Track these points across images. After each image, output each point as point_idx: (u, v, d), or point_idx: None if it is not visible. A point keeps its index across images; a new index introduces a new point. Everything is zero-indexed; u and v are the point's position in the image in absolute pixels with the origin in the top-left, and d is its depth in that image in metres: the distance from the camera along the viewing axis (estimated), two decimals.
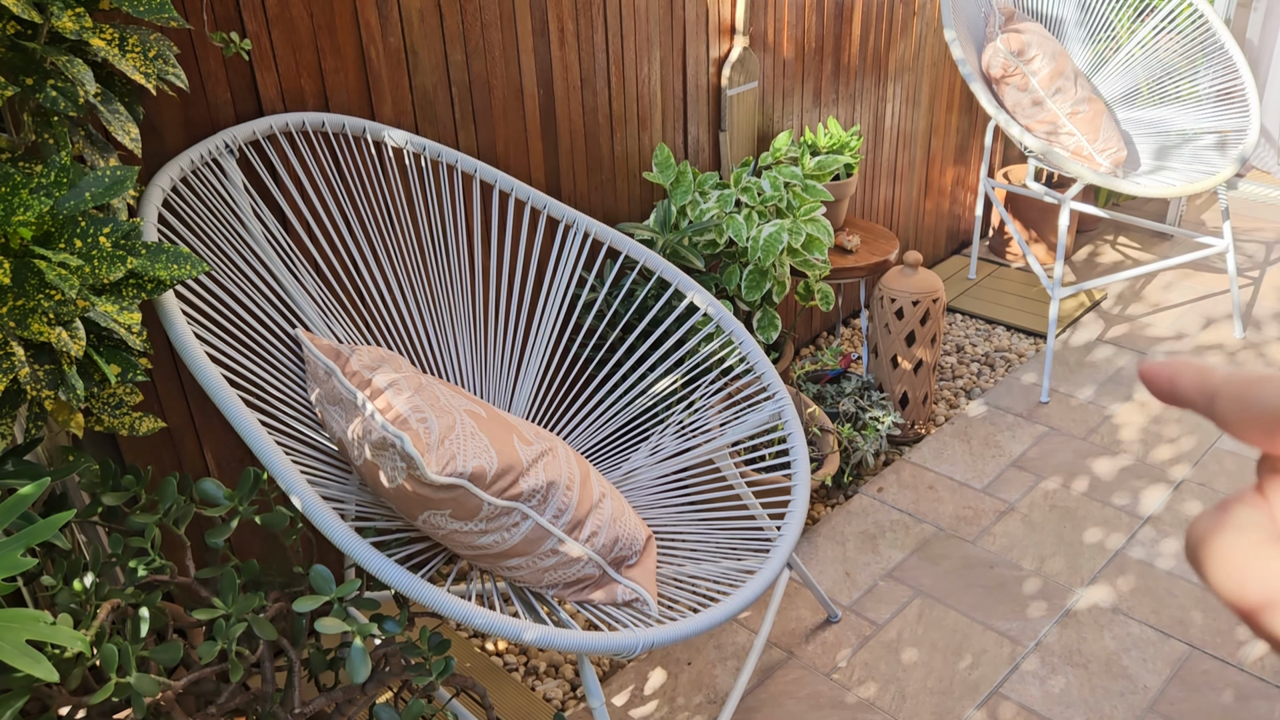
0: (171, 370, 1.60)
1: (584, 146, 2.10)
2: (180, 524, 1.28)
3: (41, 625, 0.95)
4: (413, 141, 1.70)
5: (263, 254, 1.55)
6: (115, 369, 1.17)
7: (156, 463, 1.64)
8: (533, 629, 1.15)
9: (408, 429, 1.23)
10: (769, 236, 2.07)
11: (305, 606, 1.11)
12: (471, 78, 1.84)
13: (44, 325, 1.06)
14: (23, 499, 1.01)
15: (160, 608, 1.22)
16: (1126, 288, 3.26)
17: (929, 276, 2.41)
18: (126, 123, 1.19)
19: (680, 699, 1.83)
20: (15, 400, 1.13)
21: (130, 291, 1.18)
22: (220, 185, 1.53)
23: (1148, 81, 2.96)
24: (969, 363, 2.88)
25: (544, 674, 1.90)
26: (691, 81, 2.28)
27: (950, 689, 1.83)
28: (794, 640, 1.95)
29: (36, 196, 1.05)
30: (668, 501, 1.70)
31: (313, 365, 1.43)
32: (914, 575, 2.10)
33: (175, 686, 1.11)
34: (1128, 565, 2.11)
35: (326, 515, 1.13)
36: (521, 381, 1.78)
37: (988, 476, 2.40)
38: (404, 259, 1.81)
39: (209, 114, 1.53)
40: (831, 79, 2.68)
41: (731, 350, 1.75)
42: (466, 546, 1.31)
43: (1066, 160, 2.50)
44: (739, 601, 1.32)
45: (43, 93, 1.11)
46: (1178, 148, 2.83)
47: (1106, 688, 1.82)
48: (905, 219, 3.22)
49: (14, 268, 1.05)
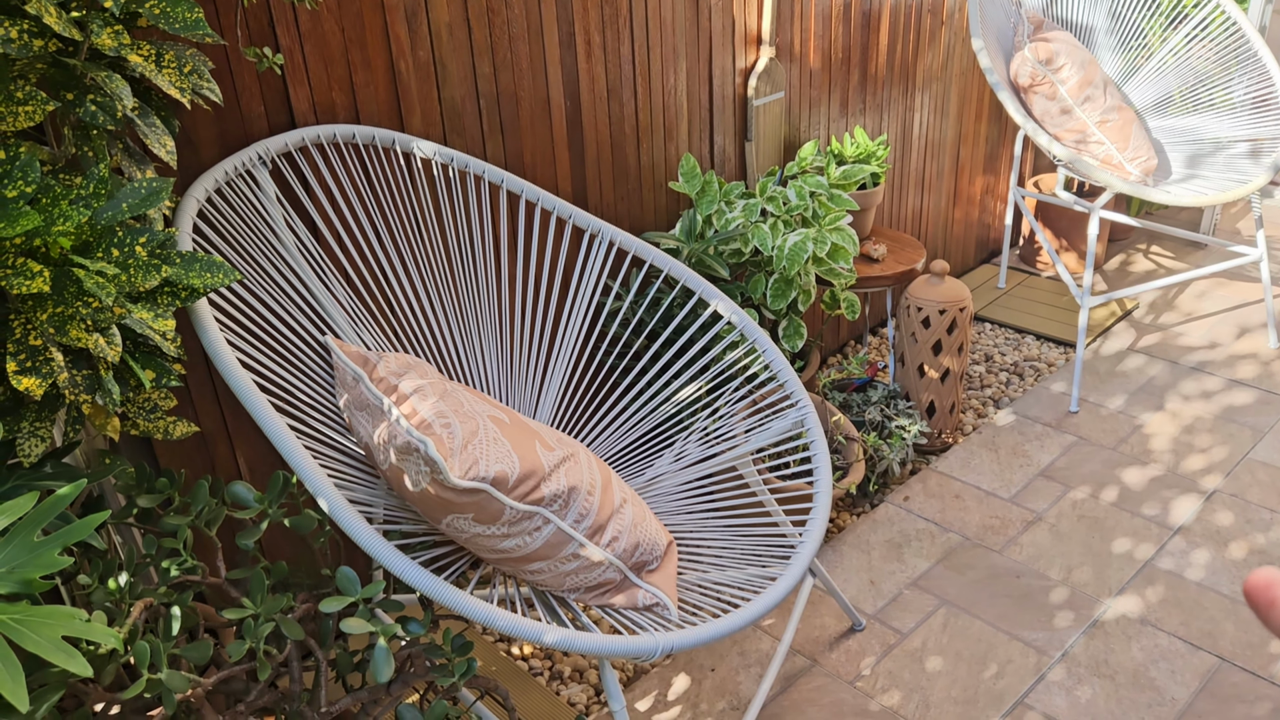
0: (205, 377, 1.64)
1: (610, 157, 2.13)
2: (212, 526, 1.31)
3: (77, 622, 0.98)
4: (441, 153, 1.73)
5: (294, 263, 1.58)
6: (150, 374, 1.20)
7: (190, 467, 1.67)
8: (553, 631, 1.16)
9: (431, 434, 1.26)
10: (794, 245, 2.08)
11: (331, 607, 1.14)
12: (499, 90, 1.87)
13: (82, 331, 1.10)
14: (60, 499, 1.04)
15: (192, 607, 1.25)
16: (1159, 297, 3.23)
17: (956, 285, 2.41)
18: (162, 136, 1.23)
19: (704, 705, 1.84)
20: (54, 404, 1.17)
21: (165, 299, 1.21)
22: (254, 196, 1.57)
23: (1180, 89, 2.94)
24: (998, 372, 2.87)
25: (569, 679, 1.91)
26: (718, 92, 2.30)
27: (975, 698, 1.82)
28: (818, 648, 1.95)
29: (76, 207, 1.09)
30: (692, 507, 1.71)
31: (341, 372, 1.46)
32: (939, 585, 2.09)
33: (205, 684, 1.14)
34: (1157, 576, 2.09)
35: (351, 517, 1.15)
36: (547, 388, 1.80)
37: (1015, 486, 2.39)
38: (432, 268, 1.85)
39: (243, 127, 1.57)
40: (859, 89, 2.69)
41: (755, 358, 1.76)
42: (489, 550, 1.34)
43: (1095, 169, 2.49)
44: (759, 607, 1.33)
45: (82, 107, 1.15)
46: (1210, 156, 2.80)
47: (1134, 699, 1.81)
48: (934, 228, 3.21)
49: (54, 276, 1.09)
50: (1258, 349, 2.89)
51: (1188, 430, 2.55)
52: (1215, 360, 2.85)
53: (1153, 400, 2.69)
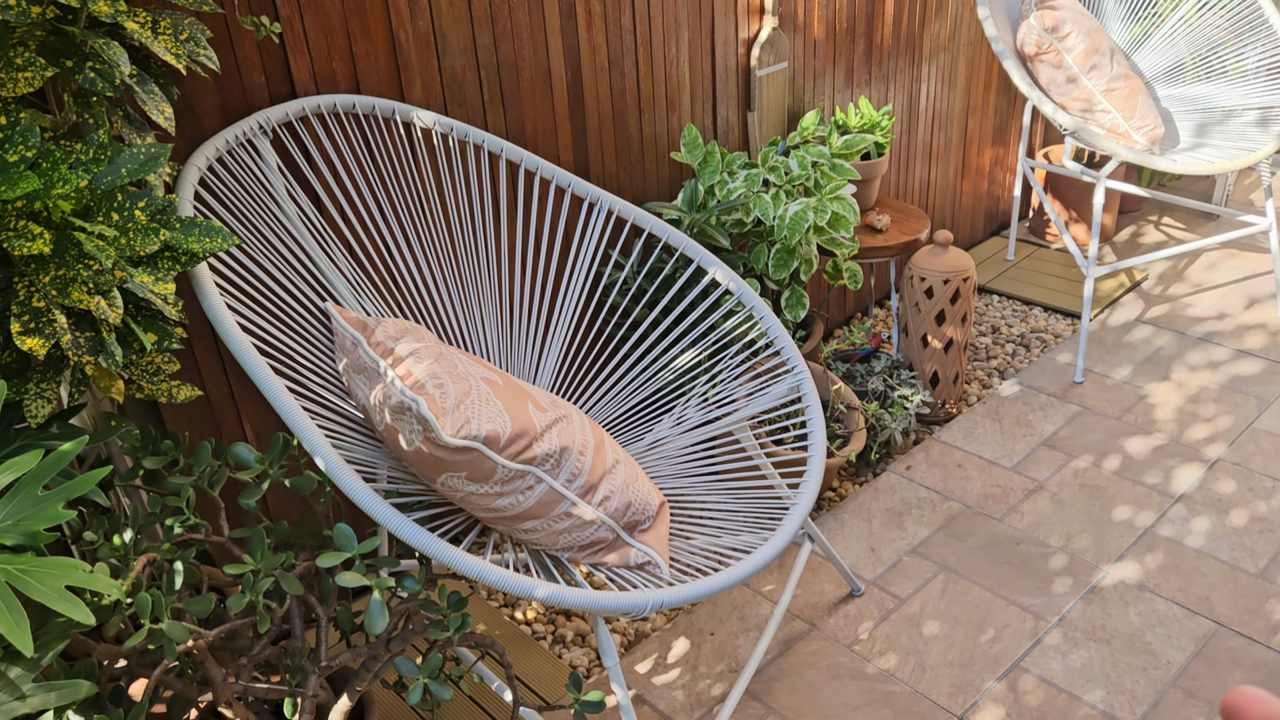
0: (211, 345, 1.67)
1: (612, 127, 2.14)
2: (214, 486, 1.34)
3: (80, 573, 1.02)
4: (441, 122, 1.75)
5: (295, 232, 1.61)
6: (152, 337, 1.23)
7: (197, 432, 1.71)
8: (545, 587, 1.19)
9: (424, 393, 1.28)
10: (795, 215, 2.09)
11: (328, 562, 1.17)
12: (500, 60, 1.88)
13: (83, 294, 1.13)
14: (63, 455, 1.07)
15: (195, 564, 1.28)
16: (1168, 268, 3.21)
17: (959, 256, 2.41)
18: (161, 103, 1.25)
19: (702, 667, 1.86)
20: (58, 366, 1.20)
21: (165, 264, 1.24)
22: (255, 166, 1.60)
23: (1192, 57, 2.91)
24: (1004, 343, 2.87)
25: (570, 643, 1.94)
26: (720, 62, 2.30)
27: (971, 662, 1.84)
28: (816, 613, 1.97)
29: (75, 172, 1.12)
30: (690, 472, 1.74)
31: (340, 336, 1.49)
32: (939, 551, 2.11)
33: (207, 635, 1.17)
34: (1157, 543, 2.10)
35: (348, 475, 1.18)
36: (546, 355, 1.82)
37: (1017, 455, 2.39)
38: (432, 237, 1.87)
39: (244, 97, 1.59)
40: (864, 59, 2.68)
41: (753, 325, 1.77)
42: (484, 509, 1.36)
43: (1101, 138, 2.48)
44: (750, 566, 1.35)
45: (81, 74, 1.18)
46: (1219, 124, 2.78)
47: (1129, 663, 1.82)
48: (941, 200, 3.21)
49: (55, 239, 1.12)
50: (1266, 319, 2.88)
51: (1193, 400, 2.55)
52: (1223, 331, 2.84)
53: (1159, 370, 2.68)
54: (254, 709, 1.40)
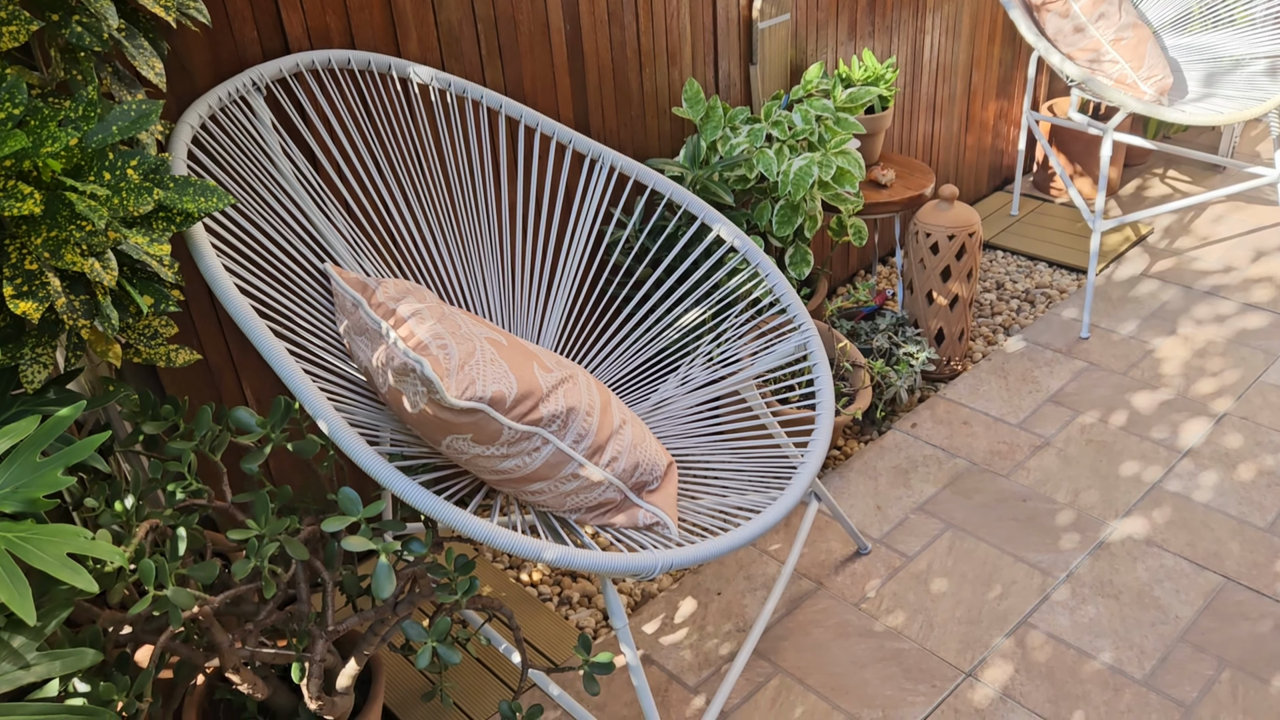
0: (208, 307, 1.65)
1: (612, 82, 2.09)
2: (216, 451, 1.32)
3: (82, 540, 1.00)
4: (438, 77, 1.71)
5: (292, 191, 1.58)
6: (148, 300, 1.21)
7: (196, 397, 1.69)
8: (553, 549, 1.17)
9: (428, 354, 1.26)
10: (799, 170, 2.06)
11: (333, 526, 1.15)
12: (497, 13, 1.84)
13: (77, 256, 1.10)
14: (61, 420, 1.05)
15: (198, 530, 1.27)
16: (1174, 221, 3.18)
17: (965, 211, 2.38)
18: (151, 58, 1.22)
19: (710, 627, 1.86)
20: (53, 329, 1.17)
21: (160, 225, 1.21)
22: (249, 124, 1.56)
23: (1200, 5, 2.86)
24: (1009, 299, 2.85)
25: (577, 604, 1.94)
26: (722, 15, 2.26)
27: (979, 618, 1.84)
28: (823, 572, 1.97)
29: (65, 130, 1.08)
30: (697, 432, 1.72)
31: (340, 298, 1.46)
32: (945, 509, 2.10)
33: (212, 601, 1.16)
34: (1164, 498, 2.09)
35: (350, 437, 1.16)
36: (550, 314, 1.80)
37: (1024, 412, 2.38)
38: (432, 195, 1.83)
39: (236, 53, 1.55)
40: (867, 10, 2.63)
41: (758, 283, 1.75)
42: (490, 471, 1.35)
43: (1109, 89, 2.44)
44: (759, 525, 1.34)
45: (68, 28, 1.14)
46: (1228, 74, 2.74)
47: (1137, 618, 1.82)
48: (945, 155, 3.17)
49: (46, 199, 1.09)
50: (1273, 272, 2.85)
51: (1200, 354, 2.53)
52: (1230, 284, 2.81)
53: (1165, 325, 2.66)
54: (261, 674, 1.39)
